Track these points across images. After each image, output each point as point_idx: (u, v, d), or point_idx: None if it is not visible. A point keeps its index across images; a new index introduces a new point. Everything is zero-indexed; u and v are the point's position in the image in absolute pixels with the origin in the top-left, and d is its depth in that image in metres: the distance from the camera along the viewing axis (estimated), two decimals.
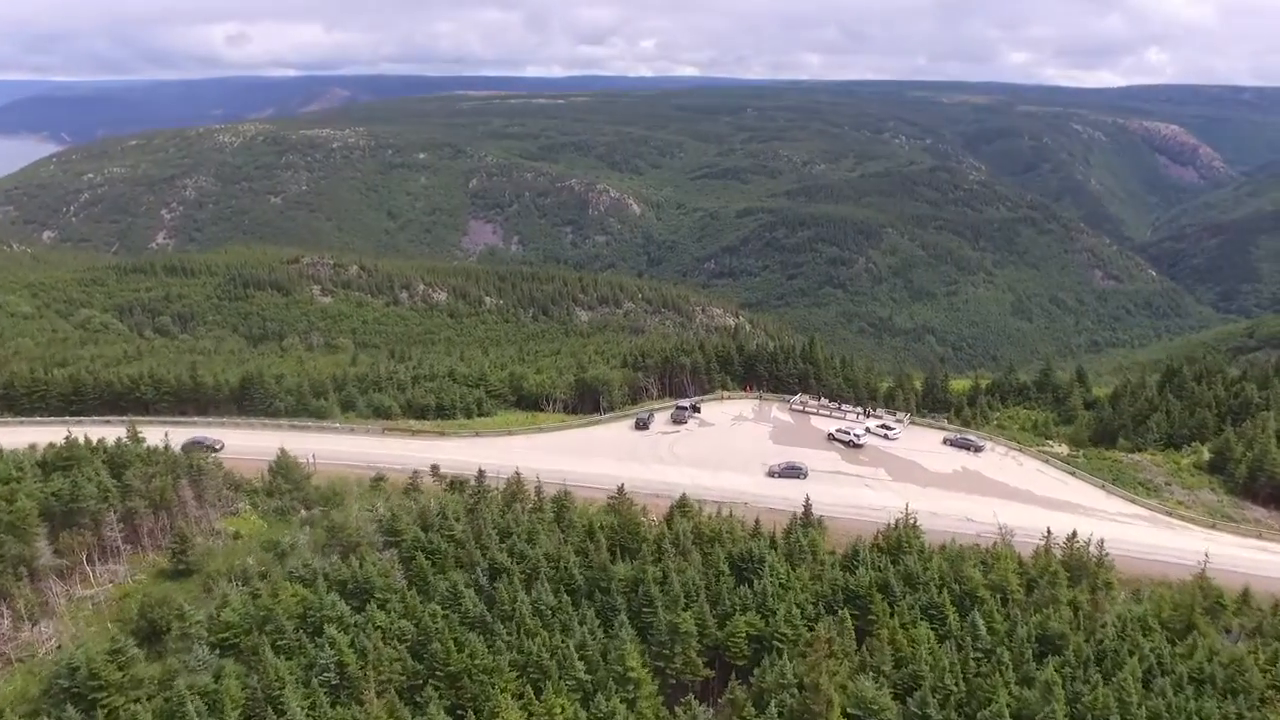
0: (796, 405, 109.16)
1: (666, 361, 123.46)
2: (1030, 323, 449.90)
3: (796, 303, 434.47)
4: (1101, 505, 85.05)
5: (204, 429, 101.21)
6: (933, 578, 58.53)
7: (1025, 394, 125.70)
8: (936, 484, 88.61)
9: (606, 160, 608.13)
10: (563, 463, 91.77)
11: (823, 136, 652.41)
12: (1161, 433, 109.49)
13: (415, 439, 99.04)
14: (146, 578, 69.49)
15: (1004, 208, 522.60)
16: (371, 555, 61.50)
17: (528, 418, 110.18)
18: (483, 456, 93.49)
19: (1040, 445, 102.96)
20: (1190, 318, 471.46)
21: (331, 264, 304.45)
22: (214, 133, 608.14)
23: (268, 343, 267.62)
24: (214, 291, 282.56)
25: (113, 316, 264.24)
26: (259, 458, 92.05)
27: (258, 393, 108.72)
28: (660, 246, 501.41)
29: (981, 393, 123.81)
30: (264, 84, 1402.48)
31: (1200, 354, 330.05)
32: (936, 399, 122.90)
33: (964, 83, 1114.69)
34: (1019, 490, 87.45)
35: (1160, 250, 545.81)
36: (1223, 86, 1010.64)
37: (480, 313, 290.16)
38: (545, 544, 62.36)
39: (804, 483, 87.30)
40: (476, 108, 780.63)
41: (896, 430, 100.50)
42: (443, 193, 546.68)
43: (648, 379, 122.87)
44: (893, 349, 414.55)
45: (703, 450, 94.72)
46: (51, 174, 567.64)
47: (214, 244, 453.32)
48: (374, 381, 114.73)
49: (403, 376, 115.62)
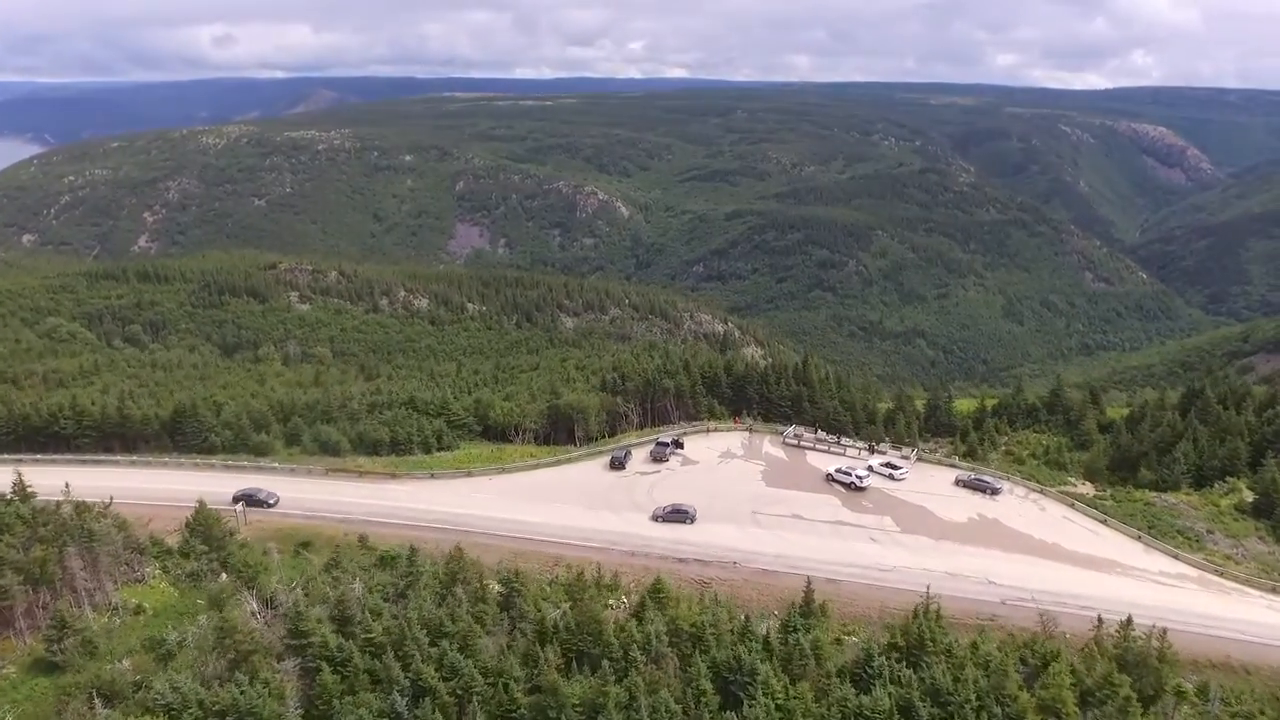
0: (790, 439, 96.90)
1: (648, 385, 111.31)
2: (1021, 325, 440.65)
3: (786, 306, 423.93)
4: (1140, 562, 73.21)
5: (167, 470, 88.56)
6: (968, 698, 46.45)
7: (1035, 416, 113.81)
8: (952, 535, 76.68)
9: (594, 162, 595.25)
10: (526, 511, 79.73)
11: (812, 138, 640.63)
12: (1189, 464, 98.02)
13: (362, 481, 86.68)
14: (16, 671, 57.07)
15: (994, 210, 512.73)
16: (266, 668, 49.21)
17: (493, 452, 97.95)
18: (436, 503, 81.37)
19: (1061, 483, 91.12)
20: (1181, 320, 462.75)
21: (310, 270, 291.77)
22: (198, 134, 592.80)
23: (242, 351, 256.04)
24: (188, 298, 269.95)
25: (81, 325, 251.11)
26: (182, 504, 79.85)
27: (191, 427, 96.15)
28: (649, 249, 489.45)
29: (988, 414, 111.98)
30: (251, 85, 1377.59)
31: (1195, 359, 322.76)
32: (940, 422, 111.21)
33: (952, 84, 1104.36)
34: (1045, 544, 75.58)
35: (1150, 252, 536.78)
36: (1208, 89, 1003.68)
37: (462, 319, 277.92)
38: (485, 650, 50.21)
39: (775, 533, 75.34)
40: (464, 109, 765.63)
41: (903, 469, 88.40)
42: (429, 195, 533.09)
43: (627, 405, 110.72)
44: (883, 352, 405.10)
45: (686, 495, 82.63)
46: (32, 176, 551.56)
47: (197, 247, 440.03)
48: (324, 411, 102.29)
49: (356, 405, 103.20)
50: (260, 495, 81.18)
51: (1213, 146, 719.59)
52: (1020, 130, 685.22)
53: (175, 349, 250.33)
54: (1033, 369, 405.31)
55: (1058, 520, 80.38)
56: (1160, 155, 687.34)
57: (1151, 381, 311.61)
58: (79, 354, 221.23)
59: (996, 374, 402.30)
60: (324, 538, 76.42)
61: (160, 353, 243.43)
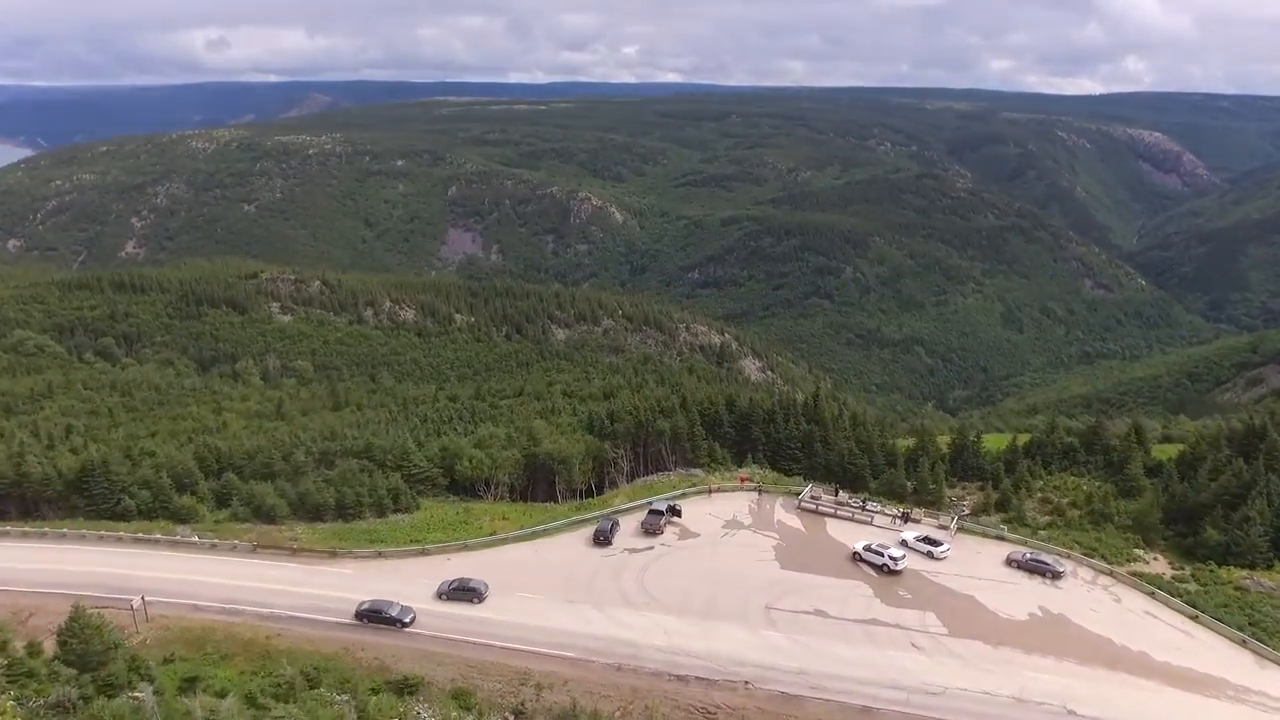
0: (807, 502, 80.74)
1: (640, 426, 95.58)
2: (1021, 333, 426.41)
3: (782, 313, 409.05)
4: (1253, 681, 57.39)
5: (65, 544, 72.56)
6: None
7: (1072, 456, 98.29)
8: (1012, 639, 60.92)
9: (588, 167, 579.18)
10: (490, 605, 64.00)
11: (808, 143, 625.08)
12: (1267, 525, 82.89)
13: (294, 561, 70.69)
14: None
15: (992, 215, 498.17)
16: None
17: (459, 513, 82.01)
18: (381, 594, 65.51)
19: (1131, 560, 75.49)
20: (1181, 327, 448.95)
21: (293, 279, 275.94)
22: (187, 139, 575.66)
23: (220, 366, 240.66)
24: (164, 309, 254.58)
25: (51, 338, 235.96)
26: (77, 591, 64.31)
27: (100, 487, 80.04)
28: (643, 255, 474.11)
29: (1020, 454, 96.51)
30: (245, 90, 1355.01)
31: (1203, 369, 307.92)
32: (968, 464, 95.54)
33: (947, 89, 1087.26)
34: (1130, 653, 59.81)
35: (1148, 259, 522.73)
36: (1201, 94, 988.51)
37: (450, 331, 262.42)
38: None
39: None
40: (457, 114, 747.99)
41: (944, 546, 72.49)
42: (421, 200, 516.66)
43: (616, 450, 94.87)
44: (881, 360, 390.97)
45: (684, 582, 66.95)
46: (19, 180, 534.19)
47: (185, 253, 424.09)
48: (265, 463, 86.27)
49: (302, 457, 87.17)
50: (389, 611, 62.21)
51: (1207, 152, 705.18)
52: (1016, 135, 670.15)
53: (149, 363, 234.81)
54: (1033, 377, 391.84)
55: (1139, 617, 64.62)
56: (1156, 161, 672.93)
57: (1159, 394, 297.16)
58: (45, 370, 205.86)
59: (996, 383, 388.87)
60: (239, 643, 60.71)
61: (133, 369, 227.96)
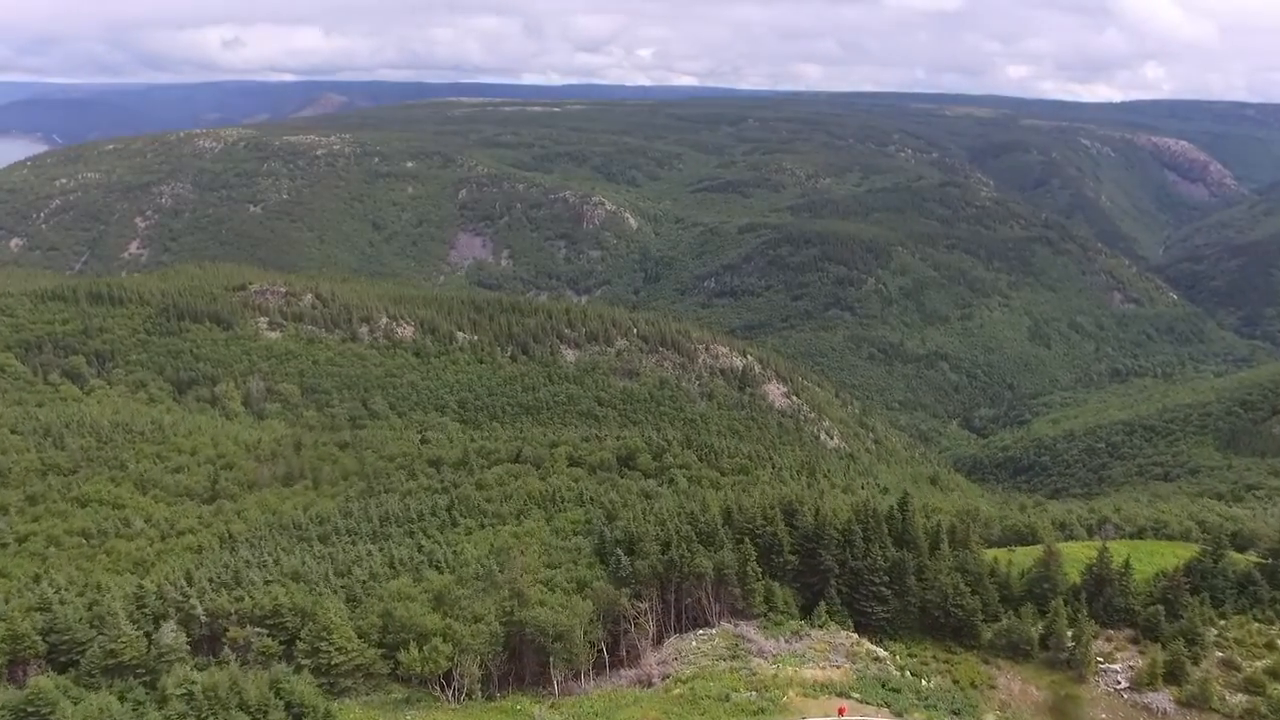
0: None
1: (671, 565, 68.98)
2: (1049, 349, 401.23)
3: (801, 325, 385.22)
4: None
5: None
6: None
7: (1248, 590, 72.98)
8: None
9: (603, 171, 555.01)
10: None
11: (826, 149, 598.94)
12: None
13: None
14: None
15: (1017, 226, 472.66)
16: None
17: None
18: None
19: None
20: (1214, 344, 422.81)
21: (284, 292, 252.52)
22: (194, 138, 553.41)
23: (198, 388, 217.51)
24: (143, 324, 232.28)
25: (15, 356, 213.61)
26: None
27: None
28: (658, 263, 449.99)
29: (1181, 586, 71.01)
30: (260, 89, 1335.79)
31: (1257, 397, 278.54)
32: (1112, 604, 70.40)
33: (965, 95, 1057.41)
34: None
35: (1178, 271, 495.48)
36: (1225, 102, 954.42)
37: (450, 351, 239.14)
38: None
39: None
40: (469, 115, 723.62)
41: None
42: (431, 203, 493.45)
43: (636, 599, 68.05)
44: (904, 376, 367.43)
45: None
46: (24, 178, 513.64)
47: (189, 254, 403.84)
48: (109, 653, 60.43)
49: (168, 638, 61.05)
50: None
51: (1233, 161, 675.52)
52: (1039, 143, 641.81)
53: (118, 385, 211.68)
54: (1063, 396, 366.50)
55: None
56: (1182, 170, 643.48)
57: (1209, 422, 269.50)
58: None
59: (1024, 401, 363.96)
60: None
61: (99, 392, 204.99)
